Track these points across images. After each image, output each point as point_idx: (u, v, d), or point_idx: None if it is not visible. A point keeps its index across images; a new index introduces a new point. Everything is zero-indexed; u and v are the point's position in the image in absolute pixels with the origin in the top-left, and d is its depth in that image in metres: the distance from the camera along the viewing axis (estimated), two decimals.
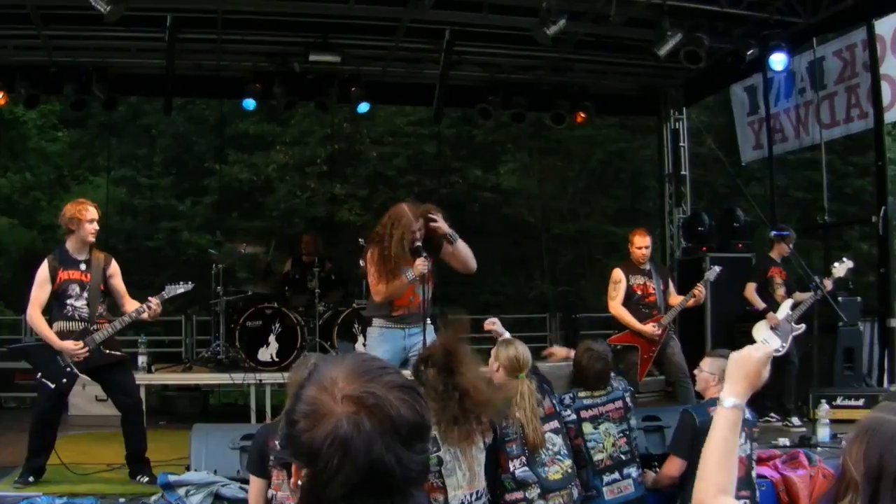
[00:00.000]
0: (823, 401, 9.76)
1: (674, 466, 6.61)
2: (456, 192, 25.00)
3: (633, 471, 6.61)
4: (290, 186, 25.36)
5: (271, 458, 5.37)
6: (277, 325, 12.66)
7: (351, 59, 14.10)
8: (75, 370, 8.03)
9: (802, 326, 11.46)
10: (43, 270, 8.12)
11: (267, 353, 12.46)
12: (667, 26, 12.09)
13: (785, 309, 11.56)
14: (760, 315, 11.66)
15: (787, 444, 9.21)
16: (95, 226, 8.25)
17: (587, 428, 6.61)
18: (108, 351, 8.25)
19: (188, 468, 7.25)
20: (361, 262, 10.41)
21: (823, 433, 9.40)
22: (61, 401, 8.47)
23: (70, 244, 8.24)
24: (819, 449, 8.99)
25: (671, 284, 11.28)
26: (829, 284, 11.11)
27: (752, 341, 11.64)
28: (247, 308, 12.97)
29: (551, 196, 23.64)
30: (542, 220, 24.65)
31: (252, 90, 14.34)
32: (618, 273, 10.90)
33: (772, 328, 11.53)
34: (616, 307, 10.77)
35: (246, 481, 6.68)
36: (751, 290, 11.78)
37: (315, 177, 25.21)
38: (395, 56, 14.52)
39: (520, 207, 24.79)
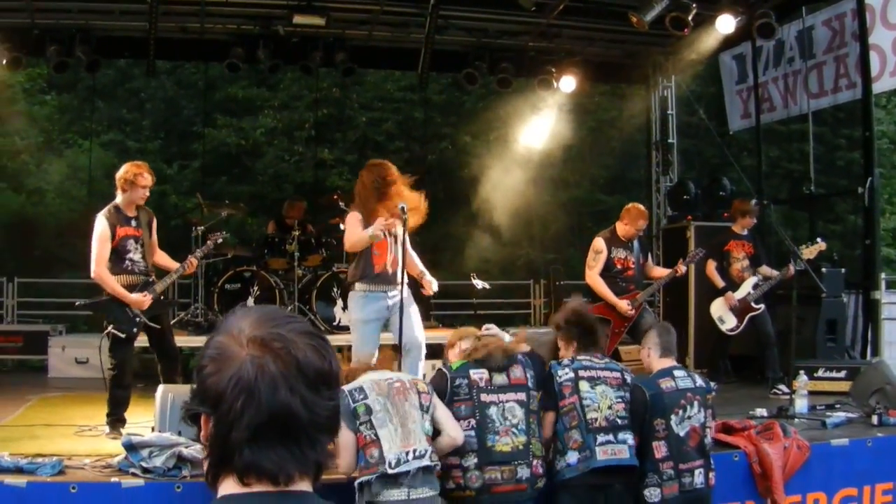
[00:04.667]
0: (802, 372, 9.68)
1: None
2: (445, 158, 24.95)
3: (628, 437, 6.43)
4: (278, 151, 25.30)
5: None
6: (256, 288, 12.68)
7: (335, 22, 13.98)
8: (143, 318, 8.58)
9: (761, 307, 11.48)
10: (104, 228, 8.42)
11: None
12: None
13: (746, 288, 11.59)
14: (722, 290, 11.76)
15: (765, 414, 9.14)
16: (148, 192, 8.72)
17: (583, 386, 6.46)
18: (163, 298, 9.16)
19: (153, 429, 7.20)
20: (341, 225, 10.50)
21: (801, 404, 9.31)
22: (132, 349, 8.91)
23: (121, 201, 8.62)
24: (797, 420, 8.94)
25: (650, 257, 11.30)
26: (791, 270, 11.07)
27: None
28: (226, 271, 12.94)
29: (541, 163, 23.57)
30: (532, 188, 24.55)
31: (236, 53, 14.21)
32: (600, 243, 10.85)
33: (729, 307, 11.55)
34: (593, 277, 10.75)
35: None
36: (711, 267, 11.80)
37: (303, 141, 25.15)
38: (380, 20, 14.44)
39: (509, 174, 24.62)
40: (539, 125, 16.65)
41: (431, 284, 8.66)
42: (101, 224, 8.42)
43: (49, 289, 17.88)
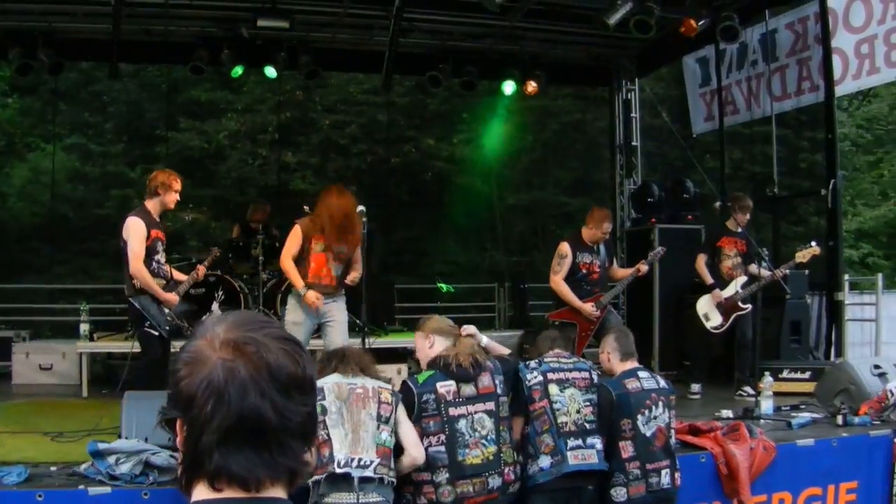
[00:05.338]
0: (767, 373, 9.74)
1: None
2: (409, 161, 24.91)
3: (597, 442, 6.48)
4: (242, 154, 25.08)
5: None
6: (221, 293, 12.59)
7: (299, 25, 13.89)
8: (175, 318, 9.02)
9: (748, 307, 11.40)
10: (141, 228, 8.73)
11: None
12: None
13: (735, 287, 11.48)
14: (710, 287, 11.61)
15: (731, 415, 9.17)
16: (178, 196, 9.18)
17: (553, 389, 6.52)
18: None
19: (120, 436, 7.15)
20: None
21: (767, 405, 9.36)
22: (166, 347, 9.06)
23: (151, 206, 9.01)
24: (762, 421, 8.98)
25: (615, 259, 11.33)
26: (780, 273, 10.99)
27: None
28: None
29: (505, 166, 23.58)
30: (496, 190, 24.57)
31: (200, 56, 14.14)
32: (565, 248, 10.82)
33: (716, 305, 11.51)
34: (558, 282, 10.76)
35: (177, 450, 6.59)
36: (700, 261, 11.66)
37: (267, 144, 24.99)
38: (343, 22, 14.40)
39: (474, 177, 24.72)
40: (503, 128, 16.68)
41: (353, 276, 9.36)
42: (137, 223, 8.70)
43: (12, 294, 17.74)
